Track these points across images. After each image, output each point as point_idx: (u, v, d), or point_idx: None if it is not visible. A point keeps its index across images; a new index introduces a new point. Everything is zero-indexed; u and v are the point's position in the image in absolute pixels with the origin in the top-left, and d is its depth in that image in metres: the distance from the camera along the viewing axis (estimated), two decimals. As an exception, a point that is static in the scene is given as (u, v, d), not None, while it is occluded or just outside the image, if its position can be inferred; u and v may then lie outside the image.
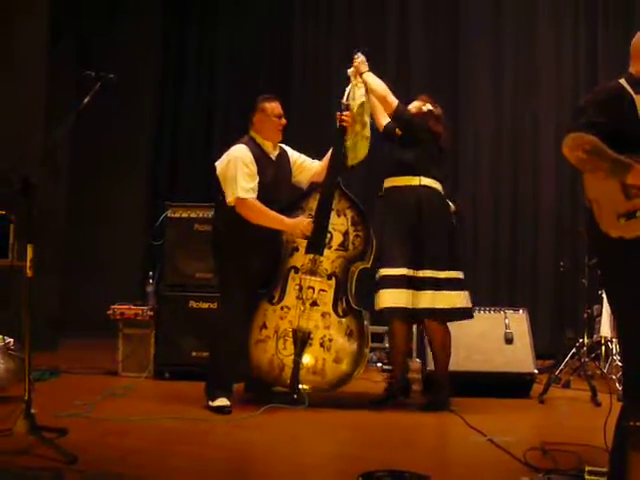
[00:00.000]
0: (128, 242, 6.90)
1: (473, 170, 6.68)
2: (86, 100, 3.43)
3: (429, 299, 4.12)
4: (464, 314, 4.25)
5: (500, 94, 6.67)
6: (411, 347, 5.00)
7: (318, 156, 4.46)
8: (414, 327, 4.84)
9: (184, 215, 5.08)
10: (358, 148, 4.36)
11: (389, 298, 4.13)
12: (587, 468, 2.79)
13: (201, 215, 5.03)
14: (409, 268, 4.13)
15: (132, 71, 6.47)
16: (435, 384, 4.33)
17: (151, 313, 5.04)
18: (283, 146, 4.37)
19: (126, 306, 5.09)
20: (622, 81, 2.76)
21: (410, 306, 4.12)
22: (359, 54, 4.39)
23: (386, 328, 5.12)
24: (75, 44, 6.67)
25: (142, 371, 4.93)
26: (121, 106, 6.56)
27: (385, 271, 4.17)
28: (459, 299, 4.18)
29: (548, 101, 6.57)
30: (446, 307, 4.15)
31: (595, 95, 2.81)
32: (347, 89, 4.35)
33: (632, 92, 2.73)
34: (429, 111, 4.36)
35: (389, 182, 4.32)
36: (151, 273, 5.23)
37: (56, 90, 6.04)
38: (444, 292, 4.14)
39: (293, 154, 4.41)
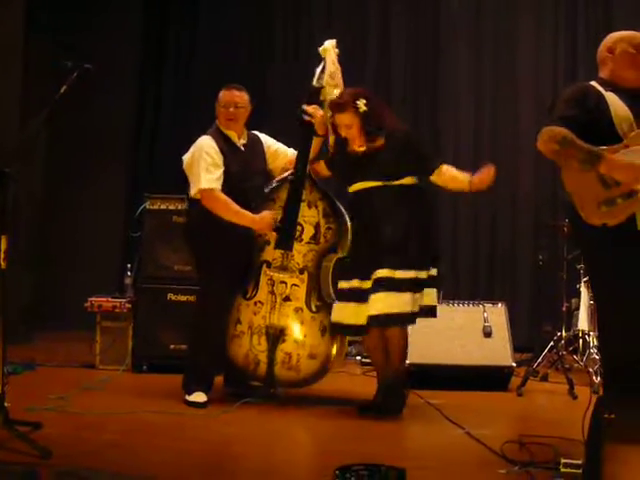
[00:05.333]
0: (106, 234, 6.85)
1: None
2: (62, 90, 3.39)
3: (374, 306, 3.73)
4: (427, 313, 3.90)
5: (480, 95, 6.67)
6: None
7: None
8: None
9: (162, 207, 5.04)
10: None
11: (336, 313, 3.92)
12: (562, 460, 2.82)
13: (180, 207, 4.97)
14: (360, 279, 3.82)
15: (112, 61, 6.41)
16: (389, 388, 3.93)
17: (129, 306, 5.00)
18: (256, 133, 4.26)
19: (104, 298, 5.04)
20: (592, 82, 2.98)
21: (353, 322, 3.81)
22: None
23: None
24: (53, 35, 6.59)
25: (120, 364, 4.89)
26: (99, 97, 6.49)
27: (340, 284, 3.95)
28: (406, 302, 3.74)
29: (527, 101, 6.57)
30: (393, 312, 3.72)
31: (564, 93, 2.98)
32: (317, 70, 4.08)
33: (602, 90, 2.94)
34: (373, 104, 3.87)
35: (362, 185, 3.91)
36: (129, 265, 5.20)
37: (32, 81, 5.97)
38: (396, 294, 3.71)
39: (267, 141, 4.28)
